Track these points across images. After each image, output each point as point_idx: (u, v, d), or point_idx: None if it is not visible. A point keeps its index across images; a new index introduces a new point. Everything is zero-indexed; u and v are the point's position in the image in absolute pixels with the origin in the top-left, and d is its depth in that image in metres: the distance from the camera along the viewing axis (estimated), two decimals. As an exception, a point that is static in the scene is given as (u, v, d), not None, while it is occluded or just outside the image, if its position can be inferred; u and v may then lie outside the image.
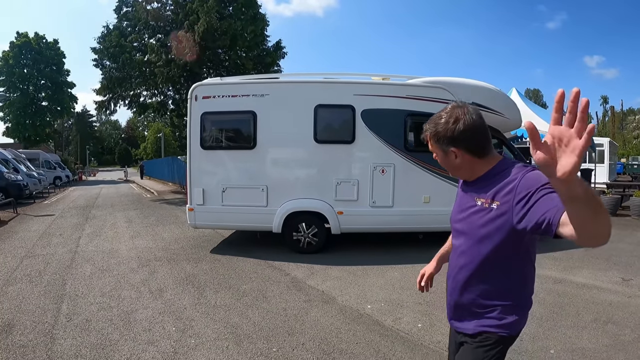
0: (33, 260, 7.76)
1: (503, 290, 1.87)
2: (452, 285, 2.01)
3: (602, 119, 72.83)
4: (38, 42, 45.83)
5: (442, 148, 1.91)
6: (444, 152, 1.91)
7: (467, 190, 1.96)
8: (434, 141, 1.92)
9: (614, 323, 4.71)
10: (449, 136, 1.86)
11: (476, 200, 1.85)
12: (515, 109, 9.21)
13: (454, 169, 1.94)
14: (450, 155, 1.89)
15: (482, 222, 1.81)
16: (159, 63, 20.80)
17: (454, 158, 1.89)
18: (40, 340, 4.30)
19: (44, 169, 29.12)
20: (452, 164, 1.92)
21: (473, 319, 1.94)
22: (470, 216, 1.89)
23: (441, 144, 1.90)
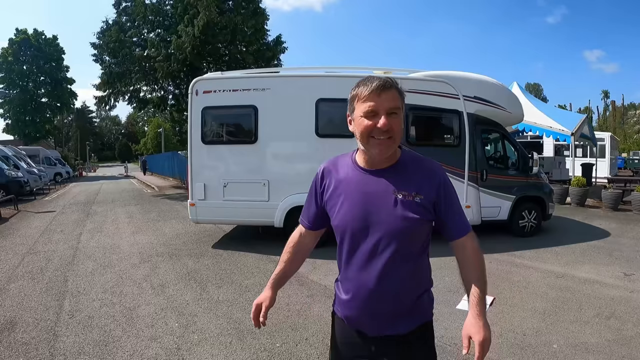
0: (34, 257, 7.75)
1: (425, 278, 1.94)
2: (378, 292, 1.74)
3: (603, 114, 72.69)
4: (37, 39, 45.82)
5: (403, 106, 1.76)
6: (402, 114, 1.74)
7: (376, 181, 1.76)
8: (400, 99, 1.72)
9: (616, 318, 4.70)
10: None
11: (395, 192, 1.72)
12: (517, 103, 9.20)
13: (398, 138, 1.72)
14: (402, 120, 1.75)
15: (404, 215, 1.71)
16: (158, 58, 20.77)
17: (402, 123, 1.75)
18: (43, 338, 4.29)
19: (44, 166, 29.13)
20: (401, 132, 1.73)
21: (409, 315, 1.83)
22: (390, 210, 1.71)
23: (403, 103, 1.75)
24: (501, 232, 9.00)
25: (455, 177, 8.17)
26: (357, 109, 1.72)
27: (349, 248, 1.79)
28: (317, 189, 1.93)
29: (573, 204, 13.58)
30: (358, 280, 1.77)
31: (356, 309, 1.80)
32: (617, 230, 9.57)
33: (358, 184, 1.77)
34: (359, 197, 1.75)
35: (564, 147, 21.77)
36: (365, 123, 1.67)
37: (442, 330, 4.39)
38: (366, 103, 1.67)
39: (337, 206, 1.81)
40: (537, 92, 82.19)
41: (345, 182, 1.81)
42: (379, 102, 1.65)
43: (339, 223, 1.79)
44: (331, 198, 1.84)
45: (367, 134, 1.68)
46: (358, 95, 1.71)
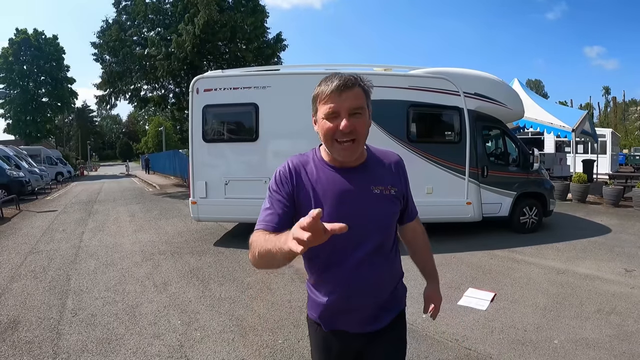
0: (37, 256, 7.78)
1: (399, 268, 1.93)
2: (362, 289, 1.72)
3: (604, 110, 72.62)
4: (37, 39, 45.80)
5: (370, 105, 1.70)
6: (369, 112, 1.70)
7: (350, 178, 1.71)
8: (365, 97, 1.67)
9: (617, 314, 4.71)
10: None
11: (372, 188, 1.72)
12: (517, 99, 9.19)
13: (363, 139, 1.67)
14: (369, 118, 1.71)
15: (386, 209, 1.76)
16: (159, 56, 20.78)
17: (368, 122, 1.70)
18: (47, 336, 4.32)
19: (45, 165, 29.14)
20: (366, 132, 1.68)
21: (390, 308, 1.84)
22: (370, 206, 1.71)
23: (369, 100, 1.70)
24: (502, 229, 9.01)
25: (456, 174, 8.19)
26: (319, 110, 1.65)
27: (330, 250, 1.68)
28: (285, 190, 1.69)
29: (574, 200, 13.57)
30: (341, 280, 1.71)
31: (339, 309, 1.75)
32: (618, 227, 9.57)
33: (333, 184, 1.69)
34: (336, 197, 1.67)
35: (565, 144, 21.73)
36: (327, 125, 1.60)
37: (444, 326, 4.41)
38: (327, 104, 1.60)
39: (314, 207, 1.56)
40: (538, 89, 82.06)
41: (319, 183, 1.69)
42: (339, 102, 1.58)
43: None
44: (305, 200, 1.68)
45: (330, 137, 1.61)
46: (319, 96, 1.64)
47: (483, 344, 4.02)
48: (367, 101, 1.66)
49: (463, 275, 6.15)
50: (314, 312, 1.85)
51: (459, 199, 8.22)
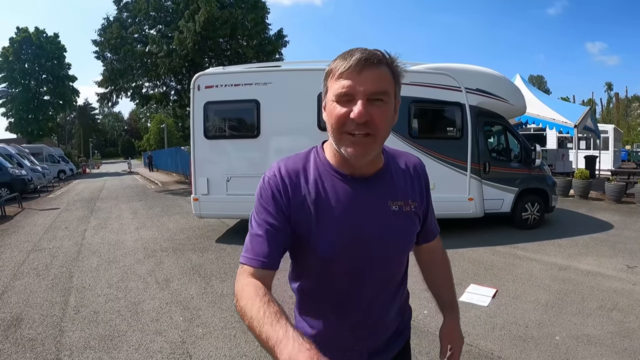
0: (39, 253, 7.80)
1: (406, 288, 1.58)
2: (374, 322, 1.42)
3: (606, 106, 72.28)
4: (38, 37, 45.79)
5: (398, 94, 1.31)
6: (395, 103, 1.30)
7: (365, 191, 1.33)
8: (394, 82, 1.26)
9: (619, 310, 4.70)
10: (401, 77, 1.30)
11: (391, 203, 1.35)
12: (519, 95, 9.17)
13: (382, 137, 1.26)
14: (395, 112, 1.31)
15: (407, 230, 1.40)
16: (160, 54, 20.75)
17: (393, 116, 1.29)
18: (49, 333, 4.33)
19: (47, 163, 29.23)
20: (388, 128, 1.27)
21: (400, 335, 1.56)
22: (390, 227, 1.35)
23: (399, 88, 1.30)
24: (504, 225, 9.00)
25: (458, 170, 8.19)
26: (329, 90, 1.25)
27: (339, 283, 1.35)
28: (276, 208, 1.27)
29: (576, 196, 13.55)
30: (332, 315, 1.39)
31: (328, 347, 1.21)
32: (620, 223, 9.55)
33: (344, 196, 1.30)
34: (347, 217, 1.29)
35: (567, 140, 21.72)
36: (337, 111, 1.20)
37: (445, 322, 4.41)
38: (340, 82, 1.20)
39: (317, 230, 1.28)
40: (540, 84, 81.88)
41: (322, 197, 1.30)
42: (357, 81, 1.17)
43: (326, 254, 1.28)
44: (303, 222, 1.28)
45: (338, 127, 1.21)
46: (332, 71, 1.24)
47: (485, 340, 4.03)
48: (395, 87, 1.27)
49: (465, 271, 6.15)
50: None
51: (460, 194, 8.22)
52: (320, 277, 1.35)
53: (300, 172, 1.32)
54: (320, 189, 1.29)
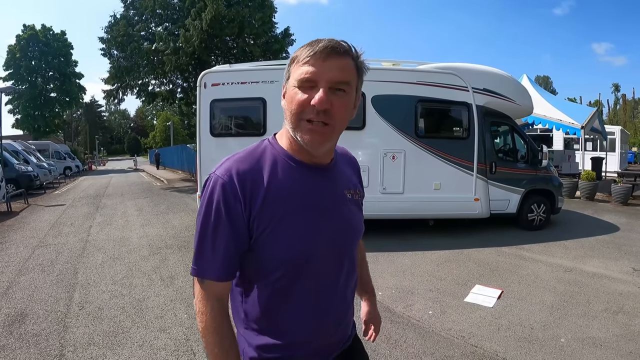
0: (45, 249, 7.83)
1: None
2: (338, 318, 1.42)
3: (613, 107, 71.88)
4: (45, 34, 45.86)
5: (359, 89, 1.31)
6: (356, 94, 1.29)
7: (324, 179, 1.34)
8: (356, 73, 1.26)
9: (624, 313, 4.67)
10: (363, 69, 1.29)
11: (346, 192, 1.39)
12: (526, 95, 9.14)
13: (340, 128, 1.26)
14: (354, 106, 1.30)
15: (357, 216, 1.43)
16: (167, 51, 20.80)
17: (352, 110, 1.29)
18: (53, 329, 4.35)
19: (54, 160, 29.32)
20: (346, 120, 1.27)
21: (351, 322, 1.57)
22: (348, 216, 1.38)
23: (361, 83, 1.31)
24: (510, 226, 8.97)
25: (464, 170, 8.16)
26: (291, 76, 1.24)
27: (304, 280, 1.28)
28: (233, 215, 1.19)
29: (582, 197, 13.49)
30: (312, 314, 1.32)
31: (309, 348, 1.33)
32: (626, 225, 9.50)
33: (308, 184, 1.28)
34: (315, 203, 1.28)
35: (573, 141, 21.62)
36: (298, 97, 1.19)
37: (450, 323, 4.40)
38: (304, 67, 1.19)
39: (287, 223, 1.23)
40: (546, 85, 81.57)
41: (287, 185, 1.25)
42: (321, 68, 1.17)
43: (289, 254, 1.23)
44: (268, 220, 1.21)
45: (297, 113, 1.21)
46: (297, 58, 1.22)
47: (489, 341, 4.01)
48: (358, 82, 1.26)
49: (470, 272, 6.13)
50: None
51: (466, 195, 8.19)
52: (291, 274, 1.26)
53: (256, 171, 1.24)
54: (282, 181, 1.24)
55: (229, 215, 1.19)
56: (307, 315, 1.31)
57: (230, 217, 1.19)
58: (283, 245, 1.22)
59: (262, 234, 1.21)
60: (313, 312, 1.32)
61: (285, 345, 1.30)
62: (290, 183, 1.25)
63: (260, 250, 1.23)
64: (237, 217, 1.19)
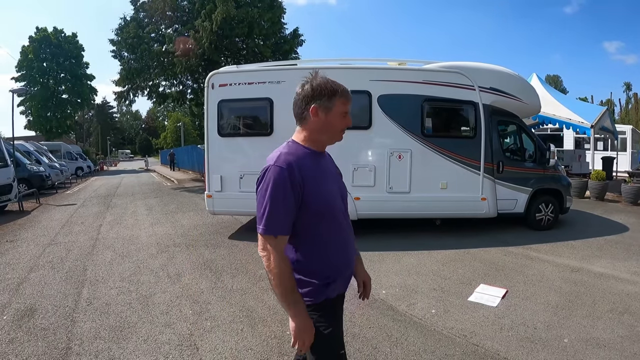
0: (55, 247, 7.94)
1: None
2: (350, 244, 2.18)
3: (625, 106, 71.03)
4: (57, 37, 46.32)
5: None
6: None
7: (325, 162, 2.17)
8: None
9: (630, 314, 4.63)
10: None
11: (337, 171, 2.28)
12: (533, 93, 9.09)
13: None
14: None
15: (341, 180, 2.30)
16: (177, 53, 20.92)
17: None
18: (61, 323, 4.43)
19: (65, 160, 29.62)
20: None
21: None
22: (339, 179, 2.27)
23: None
24: (517, 225, 8.93)
25: (471, 169, 8.14)
26: (336, 106, 2.08)
27: (331, 223, 2.04)
28: (293, 190, 1.89)
29: (592, 197, 13.39)
30: (342, 250, 2.11)
31: (341, 277, 2.10)
32: (636, 225, 9.41)
33: (324, 165, 2.13)
34: (328, 175, 2.13)
35: (584, 140, 21.43)
36: (343, 121, 2.12)
37: (453, 322, 4.41)
38: (346, 105, 2.12)
39: (322, 188, 2.00)
40: (556, 84, 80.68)
41: (316, 167, 2.03)
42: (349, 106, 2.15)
43: (322, 202, 1.98)
44: (312, 186, 1.95)
45: (341, 130, 2.14)
46: (337, 95, 2.11)
47: (491, 340, 4.01)
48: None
49: (475, 272, 6.12)
50: (313, 293, 2.00)
51: (473, 194, 8.17)
52: (328, 217, 2.02)
53: (298, 159, 1.95)
54: (312, 165, 2.01)
55: (294, 188, 1.88)
56: (338, 251, 2.09)
57: (294, 189, 1.88)
58: (318, 198, 1.95)
59: (307, 194, 1.92)
60: (342, 248, 2.11)
61: (333, 267, 2.06)
62: (314, 164, 2.02)
63: (306, 204, 1.93)
64: (295, 189, 1.88)
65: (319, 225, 1.99)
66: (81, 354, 3.79)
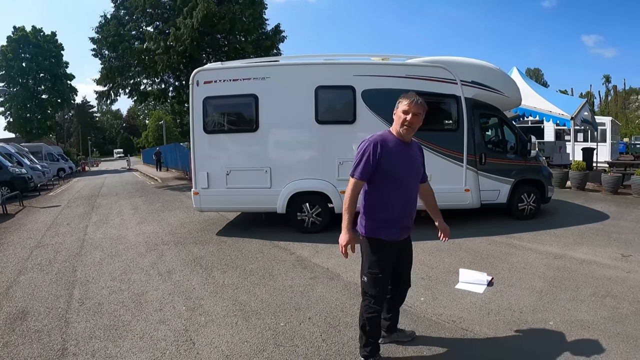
0: (43, 249, 7.89)
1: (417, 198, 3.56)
2: (406, 210, 3.33)
3: (604, 99, 72.28)
4: (36, 35, 45.60)
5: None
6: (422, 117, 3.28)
7: (409, 149, 3.31)
8: (424, 110, 3.26)
9: (612, 297, 4.79)
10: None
11: (416, 154, 3.40)
12: (514, 87, 9.25)
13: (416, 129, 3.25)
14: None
15: (419, 164, 3.43)
16: (158, 51, 20.77)
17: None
18: (55, 325, 4.44)
19: (47, 162, 29.23)
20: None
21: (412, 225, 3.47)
22: (417, 165, 3.40)
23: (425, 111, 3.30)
24: (501, 215, 9.10)
25: (454, 161, 8.27)
26: (399, 108, 3.25)
27: (400, 185, 3.23)
28: (374, 156, 3.13)
29: (573, 187, 13.65)
30: (402, 203, 3.27)
31: (398, 223, 3.29)
32: (616, 213, 9.65)
33: (402, 150, 3.24)
34: (403, 157, 3.25)
35: (565, 132, 21.80)
36: (403, 117, 3.21)
37: (442, 308, 4.53)
38: (404, 106, 3.22)
39: (392, 164, 3.17)
40: (537, 77, 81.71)
41: (394, 150, 3.19)
42: (411, 108, 3.19)
43: (394, 172, 3.19)
44: (386, 160, 3.15)
45: (401, 122, 3.20)
46: (401, 102, 3.26)
47: (479, 325, 4.13)
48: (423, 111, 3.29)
49: (461, 261, 6.25)
50: (377, 230, 3.27)
51: (457, 186, 8.31)
52: (394, 182, 3.21)
53: (382, 140, 3.20)
54: (390, 146, 3.20)
55: (372, 155, 3.14)
56: (400, 203, 3.26)
57: (372, 156, 3.14)
58: (389, 166, 3.15)
59: (382, 163, 3.14)
60: (403, 202, 3.28)
61: (388, 217, 3.26)
62: (393, 147, 3.20)
63: (380, 169, 3.16)
64: (374, 157, 3.13)
65: (388, 184, 3.21)
66: (77, 354, 3.81)
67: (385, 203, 3.23)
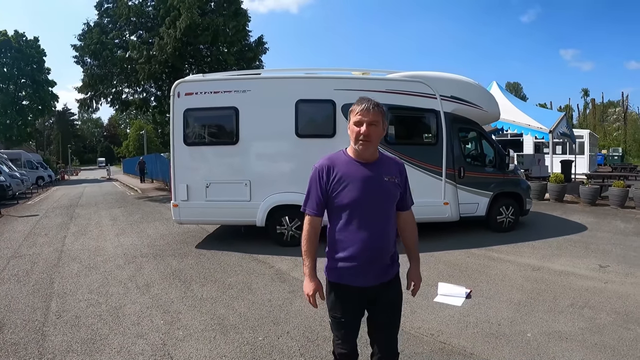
0: (20, 260, 7.76)
1: (394, 237, 2.64)
2: (374, 247, 2.50)
3: (583, 112, 73.61)
4: (18, 40, 45.04)
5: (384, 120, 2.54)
6: (383, 125, 2.54)
7: (370, 169, 2.52)
8: (382, 116, 2.51)
9: (590, 307, 4.87)
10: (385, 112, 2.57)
11: (383, 176, 2.52)
12: (493, 101, 9.40)
13: (377, 142, 2.52)
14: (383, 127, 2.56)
15: (391, 188, 2.55)
16: (140, 60, 20.63)
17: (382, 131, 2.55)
18: (32, 338, 4.36)
19: (26, 169, 28.76)
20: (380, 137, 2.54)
21: (392, 266, 2.63)
22: (387, 188, 2.53)
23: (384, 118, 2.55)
24: (480, 228, 9.21)
25: (434, 175, 8.36)
26: (351, 119, 2.56)
27: (360, 216, 2.47)
28: (320, 184, 2.53)
29: (551, 199, 13.86)
30: (361, 237, 2.47)
31: (364, 266, 2.50)
32: (594, 225, 9.82)
33: (359, 172, 2.49)
34: (362, 180, 2.47)
35: (544, 145, 22.12)
36: (355, 129, 2.52)
37: (420, 322, 4.55)
38: (357, 116, 2.47)
39: (346, 190, 2.46)
40: (517, 91, 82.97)
41: (348, 172, 2.49)
42: (365, 117, 2.45)
43: (349, 202, 2.46)
44: (338, 186, 2.49)
45: (355, 137, 2.48)
46: (354, 110, 2.54)
47: (457, 337, 4.16)
48: (382, 118, 2.53)
49: (440, 274, 6.30)
50: (332, 272, 2.61)
51: (436, 199, 8.39)
52: (349, 214, 2.47)
53: (331, 165, 2.55)
54: (344, 169, 2.50)
55: (318, 184, 2.54)
56: (362, 240, 2.46)
57: (319, 184, 2.53)
58: (341, 195, 2.47)
59: (333, 191, 2.49)
60: (367, 239, 2.46)
61: (345, 257, 2.51)
62: (347, 170, 2.50)
63: (332, 203, 2.52)
64: (322, 185, 2.52)
65: (344, 214, 2.51)
66: (54, 367, 3.75)
67: (341, 241, 2.52)
